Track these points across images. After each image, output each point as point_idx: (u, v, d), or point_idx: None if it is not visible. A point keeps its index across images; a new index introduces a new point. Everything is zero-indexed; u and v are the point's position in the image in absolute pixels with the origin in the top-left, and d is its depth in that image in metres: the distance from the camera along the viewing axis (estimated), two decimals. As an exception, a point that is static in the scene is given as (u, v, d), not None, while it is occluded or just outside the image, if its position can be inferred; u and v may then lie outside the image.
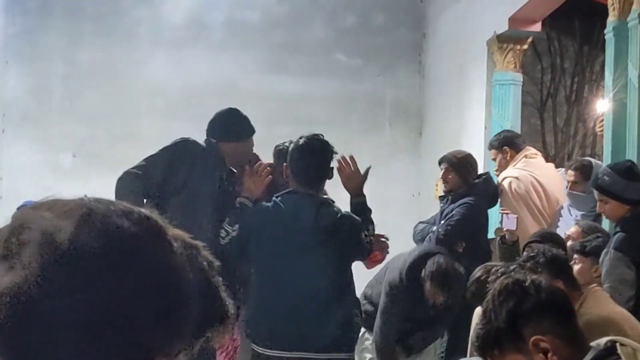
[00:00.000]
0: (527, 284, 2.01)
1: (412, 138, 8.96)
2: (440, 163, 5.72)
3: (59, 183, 8.04)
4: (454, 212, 5.48)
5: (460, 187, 5.56)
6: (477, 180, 5.62)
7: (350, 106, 8.69)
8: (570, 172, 5.31)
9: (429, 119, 8.86)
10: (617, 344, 1.89)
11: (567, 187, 5.33)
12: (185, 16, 8.55)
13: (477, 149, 7.21)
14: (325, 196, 4.24)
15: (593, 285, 3.42)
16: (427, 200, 8.57)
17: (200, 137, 7.78)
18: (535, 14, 6.65)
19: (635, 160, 4.49)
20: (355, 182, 4.19)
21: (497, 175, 5.90)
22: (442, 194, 5.84)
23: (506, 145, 5.86)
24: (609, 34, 4.95)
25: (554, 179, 5.80)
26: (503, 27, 6.79)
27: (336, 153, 4.09)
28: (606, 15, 5.22)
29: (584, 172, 5.20)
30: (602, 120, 5.61)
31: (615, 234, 4.00)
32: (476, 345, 2.03)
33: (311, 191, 3.98)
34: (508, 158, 5.81)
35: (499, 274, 3.24)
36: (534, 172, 5.69)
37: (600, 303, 3.07)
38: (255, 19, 8.72)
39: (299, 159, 3.98)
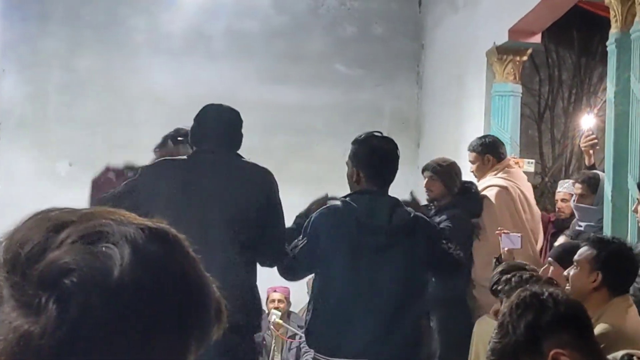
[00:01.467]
0: (544, 296, 2.00)
1: (410, 149, 8.95)
2: (423, 171, 5.60)
3: (56, 191, 8.00)
4: (441, 225, 5.37)
5: (443, 197, 5.43)
6: (463, 190, 5.48)
7: (349, 116, 8.68)
8: (578, 185, 5.31)
9: (427, 129, 8.86)
10: (635, 358, 1.87)
11: (574, 200, 5.34)
12: (184, 25, 8.54)
13: (476, 160, 7.20)
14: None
15: (626, 294, 3.34)
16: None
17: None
18: (535, 26, 6.66)
19: (637, 172, 4.48)
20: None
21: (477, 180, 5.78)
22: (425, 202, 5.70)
23: (489, 153, 5.72)
24: (611, 46, 4.94)
25: (531, 190, 5.75)
26: (503, 38, 6.79)
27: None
28: (605, 27, 5.23)
29: (591, 185, 5.21)
30: (588, 136, 5.60)
31: None
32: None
33: (383, 191, 3.85)
34: (489, 166, 5.68)
35: (513, 284, 3.22)
36: (518, 183, 5.63)
37: (618, 315, 3.05)
38: (255, 28, 8.72)
39: (375, 159, 3.85)
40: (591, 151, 5.64)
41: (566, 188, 5.96)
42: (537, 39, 6.88)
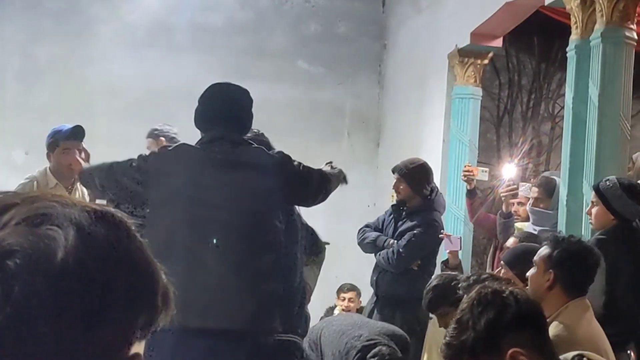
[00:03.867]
0: (506, 294, 1.99)
1: (370, 148, 8.99)
2: (393, 172, 5.64)
3: (10, 180, 7.89)
4: (416, 230, 5.39)
5: (412, 198, 5.47)
6: (432, 193, 5.52)
7: (310, 114, 8.68)
8: (535, 188, 5.37)
9: (388, 129, 8.89)
10: (585, 359, 1.88)
11: (530, 204, 5.40)
12: (146, 16, 8.47)
13: (435, 161, 7.24)
14: None
15: (582, 297, 3.30)
16: (382, 211, 8.58)
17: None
18: (497, 30, 6.72)
19: (592, 178, 4.54)
20: None
21: None
22: (395, 202, 5.76)
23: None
24: (571, 52, 5.00)
25: None
26: (465, 41, 6.84)
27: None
28: (565, 34, 5.29)
29: (548, 189, 5.27)
30: (508, 186, 5.66)
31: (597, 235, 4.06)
32: (447, 355, 2.00)
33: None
34: None
35: (471, 281, 3.22)
36: None
37: (573, 318, 3.04)
38: (218, 23, 8.68)
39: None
40: (511, 200, 5.71)
41: (523, 191, 6.00)
42: (498, 42, 6.95)
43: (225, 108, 3.52)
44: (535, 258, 3.30)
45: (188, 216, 3.29)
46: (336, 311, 7.00)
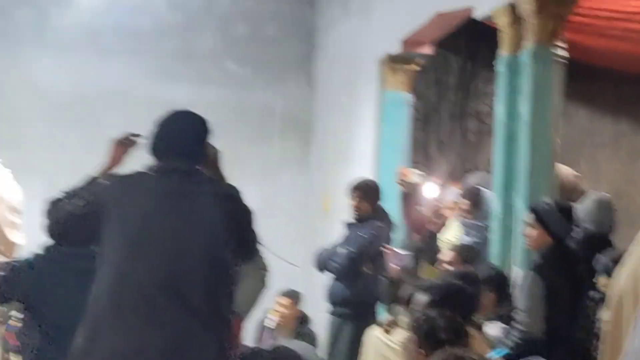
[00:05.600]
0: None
1: (300, 150, 9.01)
2: (353, 191, 5.88)
3: None
4: (366, 234, 5.68)
5: (367, 212, 5.81)
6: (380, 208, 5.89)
7: (241, 116, 8.66)
8: (463, 200, 5.52)
9: (318, 131, 8.92)
10: None
11: (461, 216, 5.52)
12: (73, 19, 8.31)
13: (367, 165, 7.32)
14: None
15: None
16: (313, 212, 8.64)
17: (85, 143, 7.60)
18: (427, 37, 6.77)
19: (524, 194, 4.63)
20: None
21: None
22: (351, 220, 5.94)
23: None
24: (500, 68, 5.07)
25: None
26: (396, 48, 6.88)
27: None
28: (491, 35, 5.40)
29: (474, 200, 5.40)
30: (431, 206, 5.83)
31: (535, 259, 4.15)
32: None
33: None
34: None
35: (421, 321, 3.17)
36: None
37: None
38: (146, 25, 8.57)
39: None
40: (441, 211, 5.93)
41: (452, 196, 6.04)
42: (429, 49, 7.02)
43: (181, 138, 3.34)
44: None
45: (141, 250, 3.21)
46: (270, 316, 6.85)
